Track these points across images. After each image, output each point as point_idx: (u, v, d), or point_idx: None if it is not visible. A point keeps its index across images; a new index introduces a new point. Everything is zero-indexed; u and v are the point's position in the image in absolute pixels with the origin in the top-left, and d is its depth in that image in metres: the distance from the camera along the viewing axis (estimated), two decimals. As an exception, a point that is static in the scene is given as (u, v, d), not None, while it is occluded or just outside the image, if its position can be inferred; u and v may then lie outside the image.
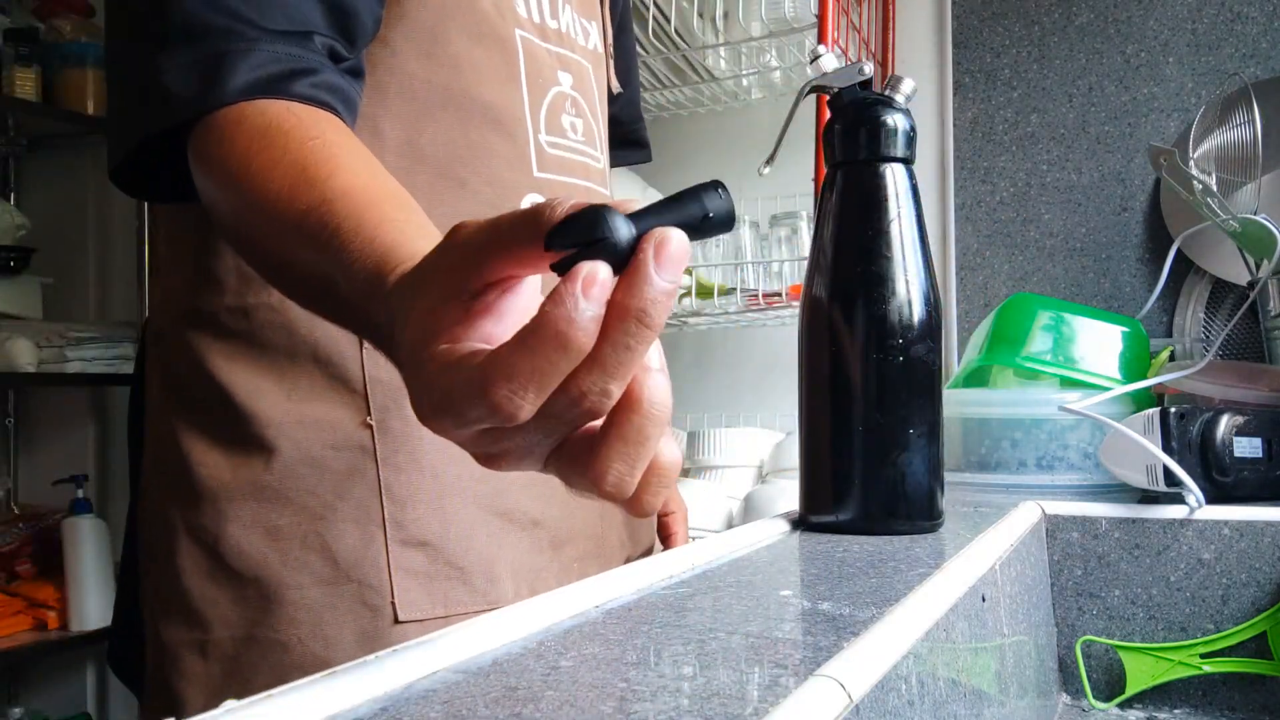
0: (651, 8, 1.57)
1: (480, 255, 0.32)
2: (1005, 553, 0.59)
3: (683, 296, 1.60)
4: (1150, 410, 0.76)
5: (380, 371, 0.59)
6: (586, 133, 0.71)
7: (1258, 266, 1.10)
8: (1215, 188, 1.06)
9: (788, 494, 1.42)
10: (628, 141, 0.96)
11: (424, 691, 0.29)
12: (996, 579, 0.55)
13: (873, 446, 0.61)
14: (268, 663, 0.56)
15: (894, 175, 0.63)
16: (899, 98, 0.65)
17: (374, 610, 0.57)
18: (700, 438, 1.58)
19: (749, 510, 1.45)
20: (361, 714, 0.28)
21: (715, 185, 0.33)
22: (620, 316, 0.29)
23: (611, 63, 0.81)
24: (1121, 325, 1.03)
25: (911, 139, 0.64)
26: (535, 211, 0.31)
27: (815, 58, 0.67)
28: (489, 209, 0.61)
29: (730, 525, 1.46)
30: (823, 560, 0.55)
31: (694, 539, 1.13)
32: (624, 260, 0.30)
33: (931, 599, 0.42)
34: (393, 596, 0.58)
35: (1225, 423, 0.76)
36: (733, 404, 1.73)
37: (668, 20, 1.61)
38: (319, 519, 0.58)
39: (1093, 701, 0.74)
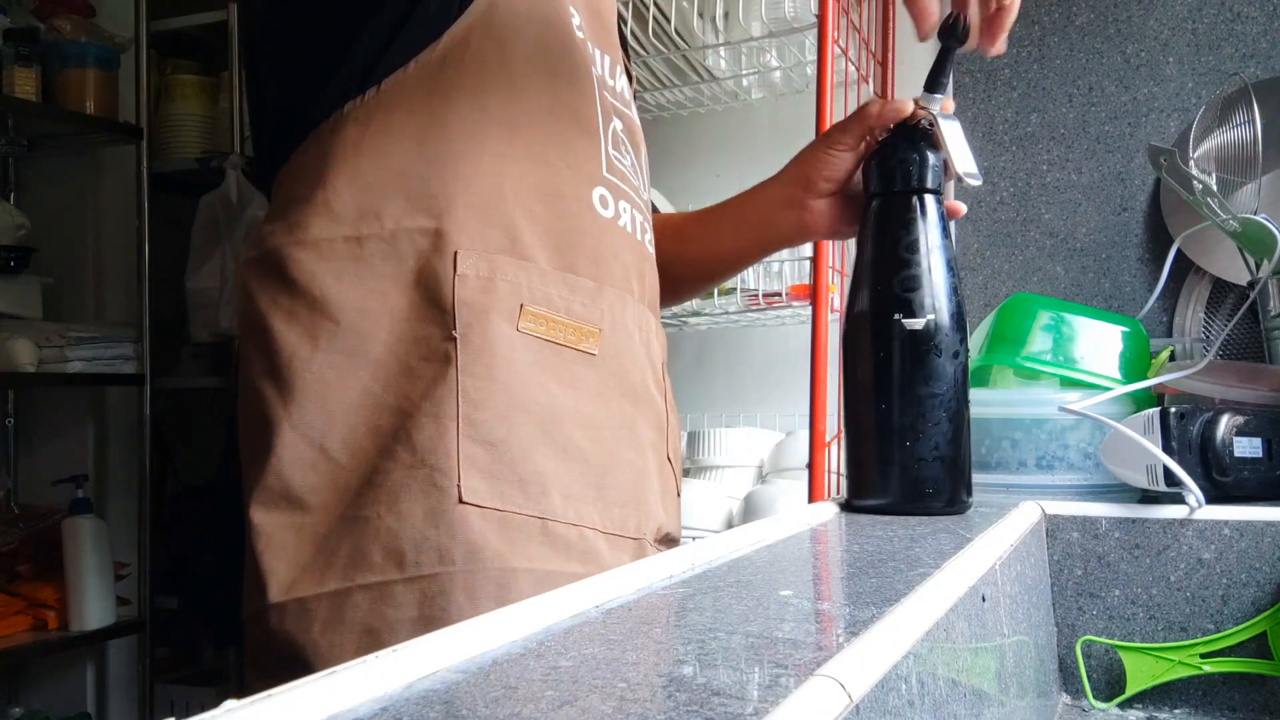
0: (651, 8, 1.57)
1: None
2: (1005, 553, 0.59)
3: (683, 296, 1.60)
4: (1150, 410, 0.76)
5: (468, 295, 0.67)
6: (633, 169, 0.81)
7: (1258, 266, 1.10)
8: (1215, 188, 1.06)
9: (788, 494, 1.42)
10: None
11: (424, 691, 0.29)
12: (996, 579, 0.55)
13: (909, 438, 0.69)
14: (350, 536, 0.64)
15: (924, 203, 0.72)
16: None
17: (442, 491, 0.65)
18: (700, 438, 1.58)
19: (749, 510, 1.45)
20: (361, 714, 0.28)
21: None
22: None
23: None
24: (1121, 325, 1.03)
25: (940, 172, 0.73)
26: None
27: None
28: (569, 188, 0.72)
29: (730, 525, 1.46)
30: (823, 560, 0.55)
31: (694, 539, 1.13)
32: None
33: (931, 599, 0.42)
34: (459, 480, 0.65)
35: (1225, 423, 0.76)
36: (733, 404, 1.73)
37: (668, 20, 1.61)
38: (407, 416, 0.66)
39: (1093, 701, 0.74)
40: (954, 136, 0.74)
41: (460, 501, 0.65)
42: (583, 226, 0.73)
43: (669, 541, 0.80)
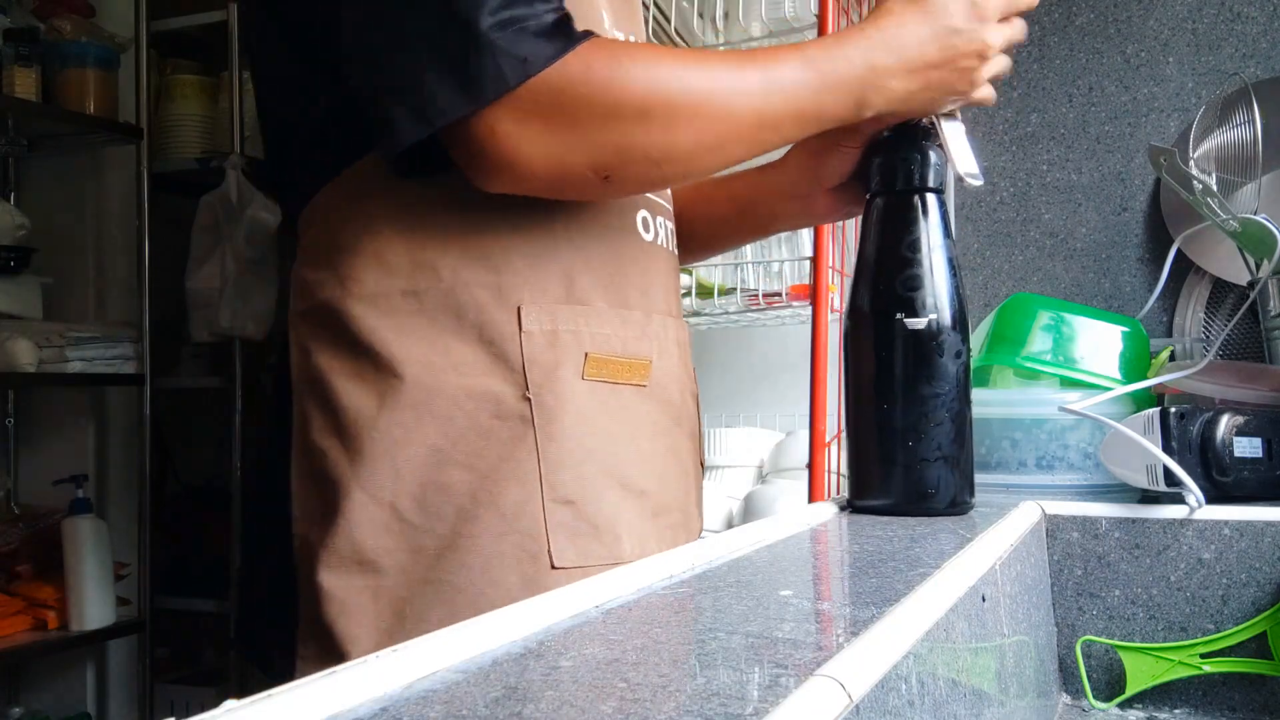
0: (651, 8, 1.57)
1: None
2: (1005, 553, 0.59)
3: (683, 296, 1.60)
4: (1150, 410, 0.76)
5: (536, 353, 0.67)
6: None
7: (1258, 266, 1.10)
8: (1215, 188, 1.06)
9: (788, 494, 1.42)
10: None
11: (424, 691, 0.29)
12: (996, 579, 0.55)
13: (911, 438, 0.69)
14: (441, 600, 0.64)
15: (925, 203, 0.72)
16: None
17: (533, 557, 0.65)
18: (700, 438, 1.58)
19: (749, 510, 1.45)
20: (361, 714, 0.28)
21: None
22: None
23: None
24: (1121, 325, 1.03)
25: (941, 171, 0.74)
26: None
27: None
28: (612, 218, 0.73)
29: (730, 525, 1.45)
30: (823, 560, 0.55)
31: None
32: None
33: (931, 599, 0.42)
34: (549, 545, 0.65)
35: (1225, 423, 0.76)
36: (733, 404, 1.73)
37: (668, 20, 1.61)
38: (485, 478, 0.65)
39: (1093, 701, 0.74)
40: (956, 137, 0.74)
41: (553, 568, 0.65)
42: (631, 256, 0.73)
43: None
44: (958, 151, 0.74)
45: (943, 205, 0.73)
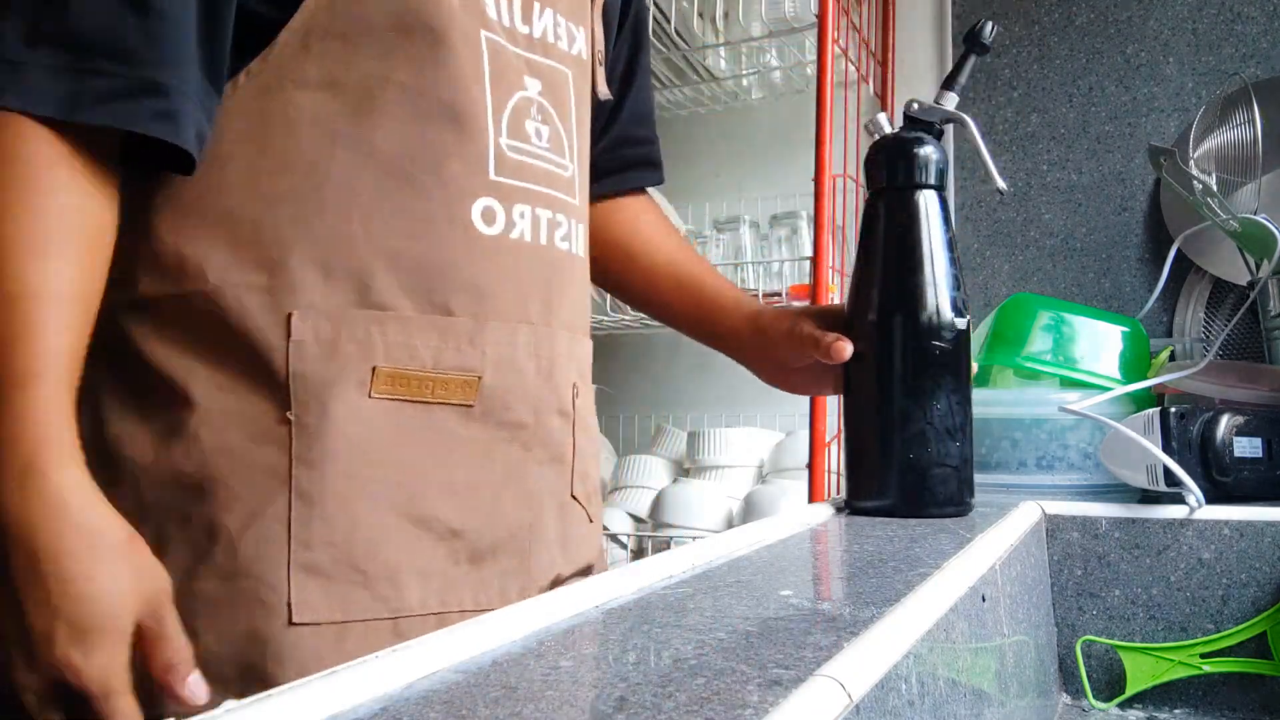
0: (651, 8, 1.57)
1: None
2: (1005, 553, 0.59)
3: (683, 296, 1.60)
4: (1150, 410, 0.76)
5: (306, 366, 0.58)
6: (554, 140, 0.69)
7: (1258, 266, 1.10)
8: (1215, 188, 1.06)
9: (788, 494, 1.42)
10: (640, 162, 0.92)
11: (424, 691, 0.29)
12: (996, 579, 0.55)
13: (910, 439, 0.69)
14: None
15: (927, 200, 0.72)
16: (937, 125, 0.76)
17: (268, 608, 0.56)
18: (700, 438, 1.58)
19: (749, 510, 1.45)
20: (361, 714, 0.28)
21: None
22: None
23: (600, 70, 0.79)
24: (1121, 325, 1.03)
25: (943, 169, 0.73)
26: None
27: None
28: (437, 209, 0.61)
29: (730, 525, 1.46)
30: (823, 560, 0.55)
31: (694, 539, 1.13)
32: None
33: (931, 599, 0.42)
34: (289, 595, 0.56)
35: (1225, 423, 0.76)
36: (733, 404, 1.73)
37: (668, 20, 1.61)
38: (225, 510, 0.57)
39: (1093, 701, 0.74)
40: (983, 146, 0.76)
41: (291, 623, 0.56)
42: (457, 255, 0.61)
43: (582, 574, 0.74)
44: (990, 161, 0.75)
45: (943, 203, 0.72)
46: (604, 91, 0.79)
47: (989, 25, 0.75)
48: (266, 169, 0.58)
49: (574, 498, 0.72)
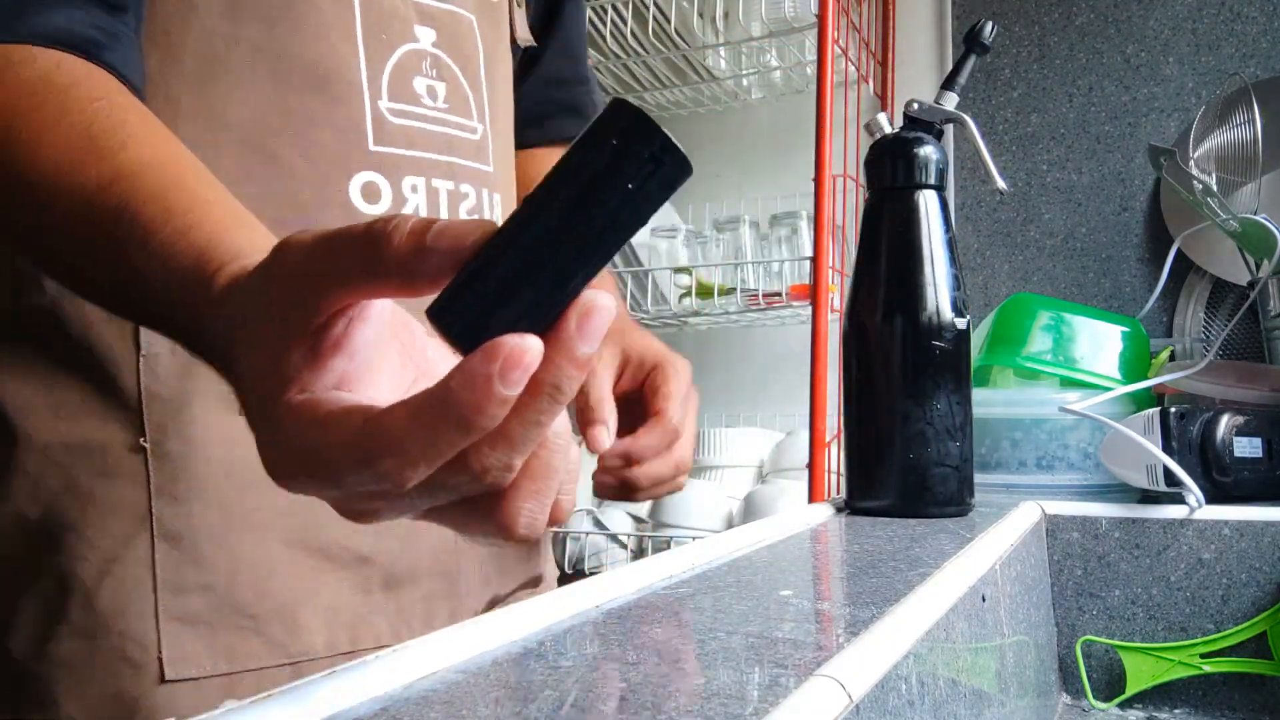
0: (651, 8, 1.57)
1: (316, 286, 0.28)
2: (1005, 553, 0.59)
3: (683, 297, 1.60)
4: (1150, 410, 0.76)
5: (159, 385, 0.50)
6: (454, 98, 0.59)
7: (1258, 266, 1.10)
8: (1215, 188, 1.06)
9: (788, 494, 1.42)
10: (567, 107, 0.79)
11: (424, 691, 0.29)
12: (996, 579, 0.55)
13: (910, 439, 0.69)
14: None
15: (927, 200, 0.71)
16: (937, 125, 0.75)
17: (136, 667, 0.49)
18: (700, 438, 1.58)
19: (749, 510, 1.45)
20: (361, 714, 0.28)
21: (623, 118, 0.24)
22: (533, 393, 0.26)
23: (519, 11, 0.70)
24: (1121, 325, 1.03)
25: (943, 169, 0.72)
26: (374, 234, 0.26)
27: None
28: (306, 188, 0.52)
29: (730, 525, 1.46)
30: (823, 560, 0.55)
31: (694, 539, 1.13)
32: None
33: (931, 599, 0.42)
34: (159, 651, 0.49)
35: (1225, 423, 0.76)
36: (733, 404, 1.73)
37: (668, 20, 1.61)
38: (79, 559, 0.49)
39: (1093, 701, 0.74)
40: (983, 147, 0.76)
41: (162, 681, 0.49)
42: None
43: (526, 586, 0.68)
44: (989, 161, 0.75)
45: (943, 203, 0.72)
46: (525, 37, 0.70)
47: (989, 25, 0.75)
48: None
49: None
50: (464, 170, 0.59)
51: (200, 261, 0.35)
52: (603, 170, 0.24)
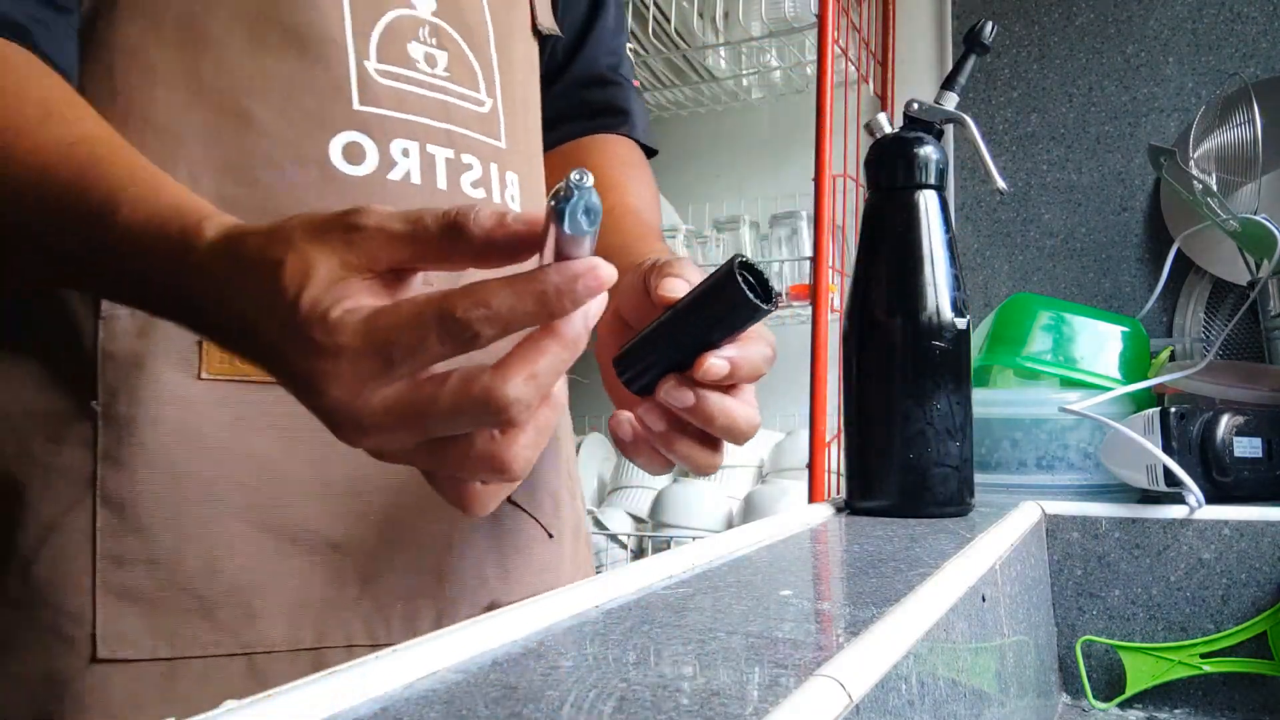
0: (651, 8, 1.57)
1: (395, 244, 0.34)
2: (1005, 553, 0.59)
3: (683, 296, 1.60)
4: (1150, 410, 0.76)
5: (115, 344, 0.48)
6: (458, 68, 0.57)
7: (1258, 266, 1.10)
8: (1215, 188, 1.06)
9: (788, 494, 1.42)
10: (603, 108, 0.77)
11: (424, 691, 0.29)
12: (996, 579, 0.55)
13: (910, 439, 0.69)
14: None
15: (927, 200, 0.71)
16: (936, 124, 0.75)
17: (68, 644, 0.46)
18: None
19: (749, 510, 1.45)
20: (361, 714, 0.28)
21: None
22: (562, 342, 0.34)
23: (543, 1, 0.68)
24: (1121, 325, 1.03)
25: (943, 169, 0.72)
26: (457, 222, 0.33)
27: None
28: (283, 149, 0.50)
29: (730, 525, 1.46)
30: (823, 560, 0.55)
31: (694, 539, 1.13)
32: None
33: (931, 599, 0.42)
34: (94, 627, 0.46)
35: (1225, 423, 0.76)
36: (733, 404, 1.73)
37: (668, 20, 1.61)
38: (20, 526, 0.47)
39: (1093, 701, 0.74)
40: (983, 147, 0.76)
41: (94, 660, 0.46)
42: (308, 199, 0.50)
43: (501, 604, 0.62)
44: (989, 161, 0.75)
45: (943, 203, 0.72)
46: (546, 23, 0.68)
47: (989, 25, 0.75)
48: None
49: (514, 503, 0.60)
50: (467, 140, 0.57)
51: (179, 213, 0.37)
52: (723, 314, 0.43)
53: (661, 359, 0.45)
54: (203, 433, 0.48)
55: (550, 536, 0.62)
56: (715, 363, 0.44)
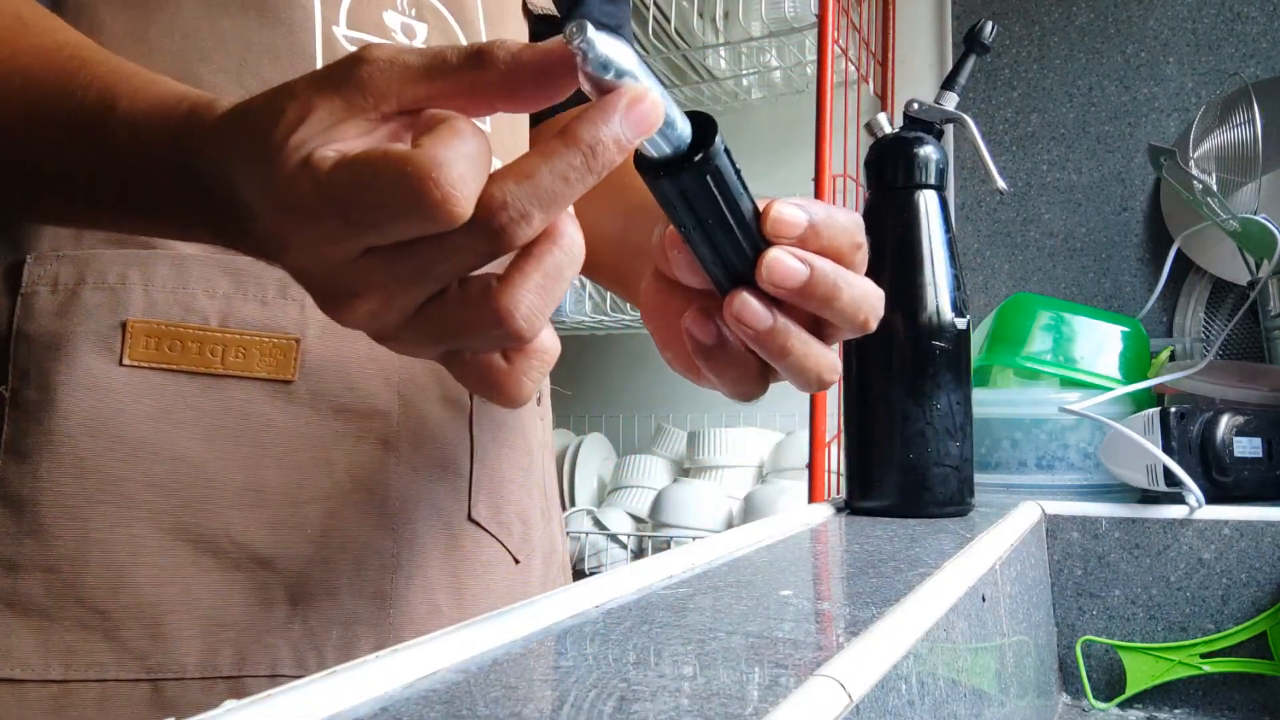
0: (651, 8, 1.57)
1: (409, 78, 0.28)
2: (1005, 553, 0.59)
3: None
4: (1150, 410, 0.76)
5: (32, 323, 0.43)
6: (440, 41, 0.53)
7: (1258, 266, 1.10)
8: (1215, 188, 1.06)
9: (788, 494, 1.42)
10: None
11: (424, 691, 0.29)
12: (996, 579, 0.55)
13: (910, 439, 0.69)
14: None
15: (927, 200, 0.71)
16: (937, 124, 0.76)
17: None
18: (700, 438, 1.58)
19: (749, 510, 1.45)
20: (361, 714, 0.28)
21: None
22: (568, 143, 0.27)
23: None
24: (1121, 325, 1.03)
25: (943, 169, 0.72)
26: (481, 50, 0.28)
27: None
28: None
29: (730, 525, 1.46)
30: (823, 560, 0.55)
31: (694, 539, 1.13)
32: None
33: (931, 599, 0.42)
34: None
35: (1225, 423, 0.76)
36: (732, 404, 1.73)
37: (668, 20, 1.61)
38: None
39: (1093, 701, 0.74)
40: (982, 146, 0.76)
41: None
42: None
43: None
44: (989, 161, 0.75)
45: (943, 203, 0.72)
46: (539, 2, 0.65)
47: (989, 25, 0.75)
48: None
49: (475, 523, 0.53)
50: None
51: (186, 96, 0.33)
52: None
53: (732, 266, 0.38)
54: (120, 425, 0.43)
55: (517, 562, 0.55)
56: (786, 210, 0.37)
